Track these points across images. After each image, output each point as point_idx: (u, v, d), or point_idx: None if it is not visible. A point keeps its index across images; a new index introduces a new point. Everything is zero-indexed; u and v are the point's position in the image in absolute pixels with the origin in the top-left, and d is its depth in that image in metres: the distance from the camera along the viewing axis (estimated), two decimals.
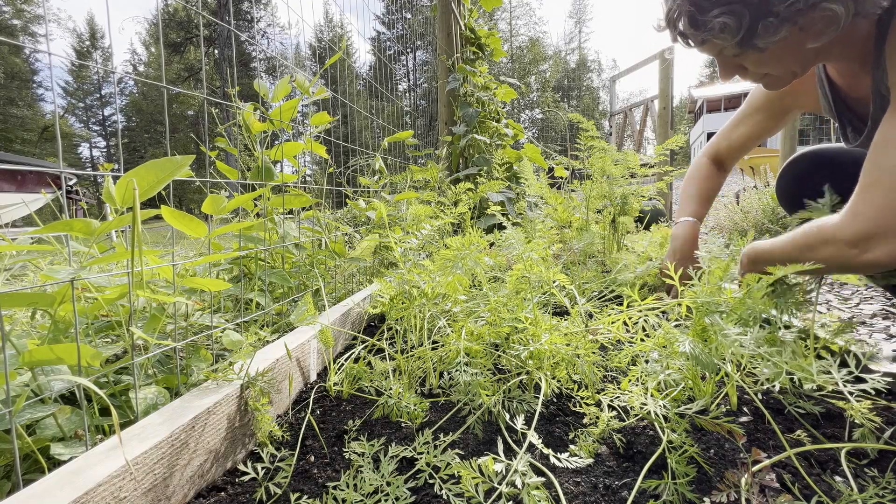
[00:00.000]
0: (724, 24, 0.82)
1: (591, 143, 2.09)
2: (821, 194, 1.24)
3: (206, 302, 1.10)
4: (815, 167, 1.22)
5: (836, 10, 0.77)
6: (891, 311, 1.68)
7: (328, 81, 2.83)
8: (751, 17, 0.81)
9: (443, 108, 3.65)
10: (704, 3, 0.83)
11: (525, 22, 49.08)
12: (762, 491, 0.63)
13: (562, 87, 51.26)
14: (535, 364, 0.89)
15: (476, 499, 0.59)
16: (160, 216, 0.85)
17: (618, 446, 0.75)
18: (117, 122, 2.06)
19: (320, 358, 1.13)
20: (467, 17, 3.75)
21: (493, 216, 2.75)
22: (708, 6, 0.83)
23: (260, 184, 1.32)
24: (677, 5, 0.87)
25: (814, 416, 0.83)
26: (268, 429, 0.80)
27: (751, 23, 0.82)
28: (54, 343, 0.71)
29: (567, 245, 1.95)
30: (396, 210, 2.26)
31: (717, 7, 0.82)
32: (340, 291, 1.65)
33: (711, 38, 0.86)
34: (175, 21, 35.53)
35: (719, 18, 0.82)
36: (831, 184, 1.22)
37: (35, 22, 32.08)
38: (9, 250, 0.77)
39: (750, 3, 0.80)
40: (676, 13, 0.88)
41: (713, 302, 0.80)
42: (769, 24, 0.81)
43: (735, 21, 0.82)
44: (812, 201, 1.17)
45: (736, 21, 0.82)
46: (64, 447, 0.66)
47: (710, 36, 0.86)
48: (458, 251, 1.05)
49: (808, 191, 1.26)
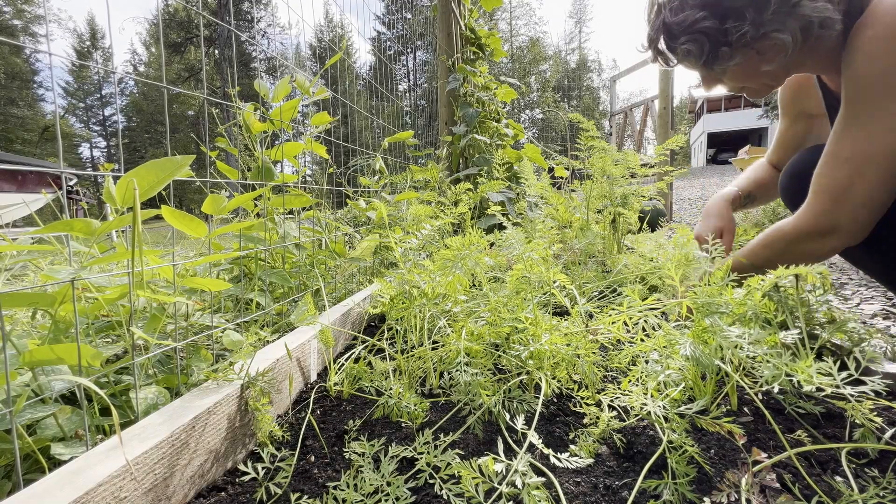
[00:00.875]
0: (688, 50, 0.97)
1: (592, 143, 2.09)
2: None
3: (207, 302, 1.10)
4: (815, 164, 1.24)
5: (783, 39, 0.90)
6: (891, 311, 1.68)
7: (328, 81, 2.83)
8: (710, 44, 0.95)
9: (443, 108, 3.65)
10: (675, 30, 0.97)
11: (525, 22, 49.07)
12: (762, 491, 0.63)
13: (562, 87, 51.24)
14: (535, 364, 0.89)
15: (476, 499, 0.59)
16: (160, 216, 0.85)
17: (618, 446, 0.75)
18: (118, 122, 2.04)
19: (320, 358, 1.13)
20: (467, 17, 3.75)
21: (494, 216, 2.75)
22: (677, 33, 0.97)
23: (260, 184, 1.32)
24: (654, 31, 1.02)
25: (814, 417, 0.83)
26: (268, 429, 0.80)
27: (710, 49, 0.95)
28: (55, 343, 0.71)
29: (567, 245, 1.95)
30: (397, 210, 2.26)
31: (684, 35, 0.96)
32: (341, 291, 1.65)
33: (682, 59, 1.02)
34: (175, 21, 35.54)
35: (685, 45, 0.97)
36: None
37: (36, 22, 32.11)
38: (9, 250, 0.77)
39: (708, 34, 0.94)
40: (654, 37, 1.03)
41: (713, 303, 0.80)
42: (724, 52, 0.95)
43: (697, 48, 0.96)
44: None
45: (698, 48, 0.96)
46: (64, 447, 0.66)
47: (679, 58, 1.02)
48: (458, 251, 1.05)
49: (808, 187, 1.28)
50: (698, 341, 0.77)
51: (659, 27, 1.00)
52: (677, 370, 0.80)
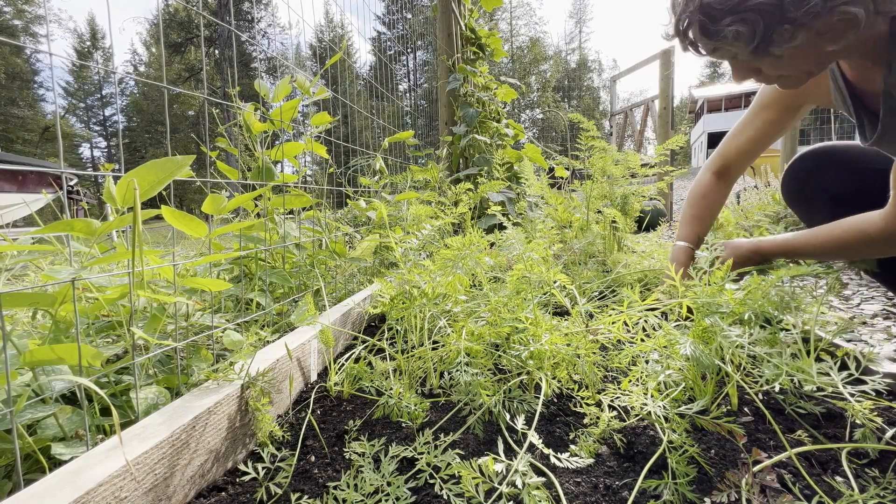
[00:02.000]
0: (738, 32, 0.80)
1: (592, 143, 2.09)
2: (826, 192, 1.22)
3: (207, 302, 1.10)
4: (820, 164, 1.22)
5: (855, 12, 0.75)
6: (891, 311, 1.68)
7: (329, 82, 2.83)
8: (765, 24, 0.79)
9: (443, 109, 3.65)
10: (716, 11, 0.81)
11: (525, 22, 49.09)
12: (763, 491, 0.63)
13: (562, 87, 51.26)
14: (535, 364, 0.89)
15: (476, 499, 0.59)
16: (161, 216, 0.85)
17: (618, 446, 0.75)
18: (118, 122, 2.05)
19: (321, 358, 1.13)
20: (468, 18, 3.75)
21: (494, 216, 2.75)
22: (720, 15, 0.80)
23: (260, 184, 1.32)
24: (687, 14, 0.84)
25: (814, 417, 0.83)
26: (268, 429, 0.80)
27: (765, 30, 0.79)
28: (55, 343, 0.71)
29: (567, 245, 1.95)
30: (397, 210, 2.26)
31: (730, 15, 0.80)
32: (341, 291, 1.65)
33: (724, 47, 0.84)
34: (176, 21, 35.57)
35: (732, 27, 0.80)
36: (836, 181, 1.20)
37: (36, 22, 32.14)
38: (10, 250, 0.77)
39: (764, 11, 0.77)
40: (686, 23, 0.85)
41: (714, 303, 0.80)
42: (784, 31, 0.78)
43: (749, 29, 0.80)
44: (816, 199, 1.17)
45: (750, 29, 0.80)
46: (65, 447, 0.66)
47: (722, 44, 0.84)
48: (458, 251, 1.05)
49: (813, 188, 1.23)
50: (698, 341, 0.77)
51: (694, 10, 0.84)
52: (677, 370, 0.80)
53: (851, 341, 1.37)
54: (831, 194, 1.19)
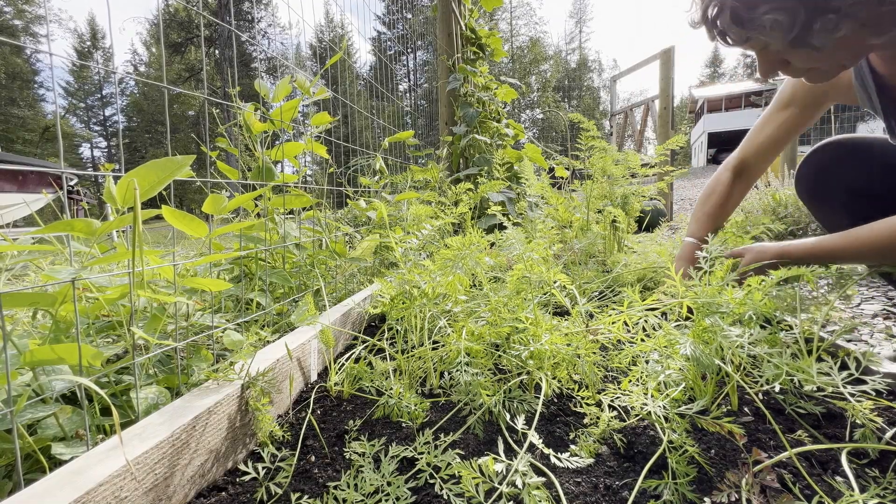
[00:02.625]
0: (776, 21, 0.75)
1: (592, 143, 2.09)
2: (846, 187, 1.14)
3: (207, 302, 1.10)
4: (840, 158, 1.16)
5: None
6: (892, 311, 1.68)
7: (329, 82, 2.83)
8: (806, 13, 0.74)
9: (443, 108, 3.65)
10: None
11: (525, 22, 49.08)
12: (763, 491, 0.63)
13: (562, 86, 51.25)
14: (535, 364, 0.89)
15: (476, 499, 0.59)
16: (161, 216, 0.85)
17: (618, 446, 0.75)
18: (118, 122, 2.05)
19: (321, 358, 1.13)
20: (468, 17, 3.75)
21: (494, 216, 2.75)
22: (757, 2, 0.76)
23: (260, 184, 1.32)
24: (718, 1, 0.80)
25: (815, 417, 0.83)
26: (268, 429, 0.80)
27: (806, 20, 0.74)
28: (55, 343, 0.71)
29: (568, 245, 1.95)
30: (397, 210, 2.26)
31: (768, 3, 0.75)
32: (341, 291, 1.65)
33: (758, 36, 0.79)
34: (176, 21, 35.58)
35: (769, 15, 0.75)
36: (856, 176, 1.13)
37: (36, 22, 32.15)
38: (10, 250, 0.77)
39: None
40: (717, 9, 0.80)
41: (714, 303, 0.80)
42: (828, 20, 0.73)
43: (788, 18, 0.75)
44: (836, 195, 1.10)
45: (789, 18, 0.74)
46: (65, 447, 0.66)
47: (756, 34, 0.79)
48: (458, 251, 1.05)
49: (832, 183, 1.17)
50: (699, 341, 0.77)
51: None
52: (678, 370, 0.80)
53: (851, 341, 1.37)
54: (854, 190, 1.12)
